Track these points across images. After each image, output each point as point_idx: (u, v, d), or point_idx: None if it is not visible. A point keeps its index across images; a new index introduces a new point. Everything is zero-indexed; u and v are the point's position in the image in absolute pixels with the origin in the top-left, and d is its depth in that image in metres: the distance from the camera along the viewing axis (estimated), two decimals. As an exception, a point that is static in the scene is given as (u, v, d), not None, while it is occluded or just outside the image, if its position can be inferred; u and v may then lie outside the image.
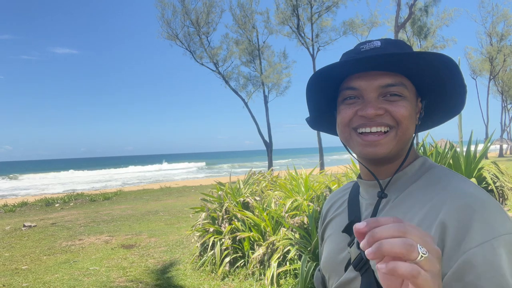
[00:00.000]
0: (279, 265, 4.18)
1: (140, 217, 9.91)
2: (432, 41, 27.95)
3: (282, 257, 4.22)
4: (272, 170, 7.21)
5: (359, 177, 0.94)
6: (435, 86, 0.81)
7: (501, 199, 4.51)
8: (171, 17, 23.45)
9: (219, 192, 5.64)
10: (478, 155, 4.73)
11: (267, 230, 4.64)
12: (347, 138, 0.82)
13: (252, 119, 24.07)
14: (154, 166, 59.07)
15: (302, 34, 24.07)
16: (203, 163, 65.62)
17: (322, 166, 19.39)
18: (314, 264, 3.77)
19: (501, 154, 38.71)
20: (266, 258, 4.41)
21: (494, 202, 0.69)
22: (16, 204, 13.85)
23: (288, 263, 4.16)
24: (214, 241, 4.95)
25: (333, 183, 4.79)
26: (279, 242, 4.29)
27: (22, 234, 8.22)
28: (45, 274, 5.29)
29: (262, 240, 4.66)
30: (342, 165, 5.84)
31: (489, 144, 5.21)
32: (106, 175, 44.70)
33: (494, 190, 4.37)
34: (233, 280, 4.53)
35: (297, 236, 4.30)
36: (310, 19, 23.60)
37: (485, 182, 4.55)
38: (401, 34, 24.05)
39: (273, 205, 4.94)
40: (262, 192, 5.52)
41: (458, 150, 4.81)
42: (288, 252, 4.19)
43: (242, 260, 4.74)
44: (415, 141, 0.88)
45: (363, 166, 0.87)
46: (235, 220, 5.02)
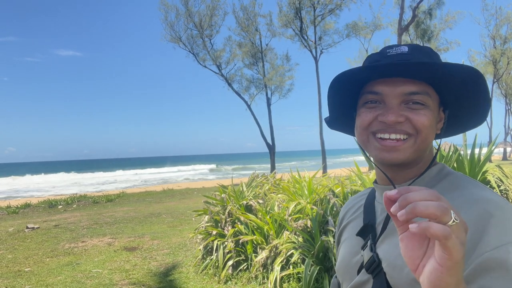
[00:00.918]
0: (282, 268, 4.16)
1: (142, 219, 9.91)
2: (435, 44, 27.89)
3: (285, 260, 4.20)
4: (275, 172, 7.19)
5: (375, 182, 0.94)
6: (460, 98, 0.81)
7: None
8: (175, 19, 23.55)
9: (222, 194, 5.63)
10: (482, 159, 4.70)
11: (270, 234, 4.63)
12: (365, 142, 0.83)
13: (254, 122, 24.09)
14: (157, 169, 59.07)
15: (305, 37, 24.10)
16: (212, 165, 65.53)
17: (325, 169, 19.36)
18: (318, 268, 3.76)
19: (505, 157, 38.55)
20: (269, 261, 4.39)
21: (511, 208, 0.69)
22: (19, 205, 13.89)
23: (291, 267, 4.14)
24: (217, 244, 4.94)
25: (336, 186, 4.77)
26: (282, 245, 4.27)
27: (25, 236, 8.23)
28: (48, 276, 5.29)
29: (265, 243, 4.65)
30: (345, 167, 5.82)
31: (493, 147, 5.18)
32: (108, 177, 44.77)
33: (499, 194, 4.35)
34: (236, 283, 4.51)
35: (300, 239, 4.28)
36: (313, 22, 23.61)
37: (489, 186, 4.51)
38: (404, 37, 24.00)
39: (276, 208, 4.92)
40: (265, 195, 5.51)
41: (462, 153, 4.78)
42: (291, 255, 4.17)
43: (245, 263, 4.73)
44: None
45: (380, 171, 0.86)
46: (238, 223, 5.00)
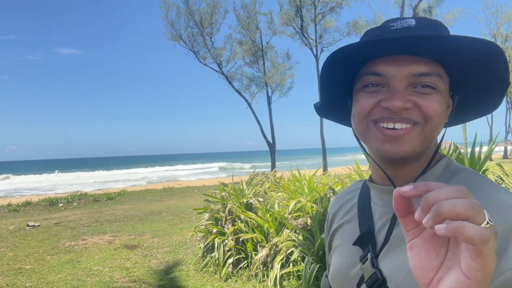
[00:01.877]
0: (282, 266, 4.17)
1: (143, 217, 9.93)
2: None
3: (285, 258, 4.21)
4: (275, 171, 7.20)
5: (370, 180, 0.82)
6: (474, 81, 0.69)
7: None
8: (175, 18, 23.57)
9: (222, 193, 5.64)
10: (482, 157, 4.69)
11: (270, 232, 4.63)
12: (364, 132, 0.70)
13: (255, 120, 24.09)
14: (159, 168, 59.07)
15: (306, 35, 24.10)
16: (220, 163, 65.59)
17: (325, 167, 19.36)
18: (318, 266, 3.76)
19: (505, 156, 38.51)
20: (269, 259, 4.40)
21: None
22: (20, 203, 13.91)
23: (291, 265, 4.15)
24: (217, 242, 4.95)
25: (336, 185, 4.78)
26: (282, 243, 4.28)
27: (25, 233, 8.25)
28: (48, 274, 5.30)
29: (265, 241, 4.65)
30: (345, 166, 5.83)
31: (493, 145, 5.18)
32: (109, 176, 44.82)
33: None
34: (236, 281, 4.52)
35: (300, 237, 4.29)
36: (313, 20, 23.59)
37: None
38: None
39: (276, 206, 4.93)
40: (266, 193, 5.51)
41: (463, 151, 4.78)
42: (291, 253, 4.18)
43: (245, 261, 4.74)
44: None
45: (378, 168, 0.75)
46: (238, 221, 5.01)
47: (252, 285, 4.35)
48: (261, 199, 5.19)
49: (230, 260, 4.71)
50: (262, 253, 4.43)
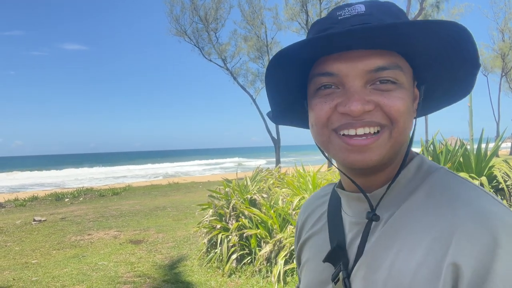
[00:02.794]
0: (286, 262, 4.17)
1: (148, 212, 9.98)
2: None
3: (289, 254, 4.21)
4: (279, 167, 7.19)
5: (340, 186, 0.74)
6: (441, 68, 0.62)
7: (511, 198, 4.45)
8: (180, 13, 23.55)
9: (226, 189, 5.65)
10: (489, 153, 4.66)
11: (274, 228, 4.64)
12: (325, 143, 0.62)
13: (260, 116, 24.08)
14: (164, 164, 59.25)
15: (311, 30, 23.94)
16: (235, 159, 65.80)
17: (330, 163, 19.33)
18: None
19: (512, 152, 38.20)
20: (273, 255, 4.40)
21: None
22: (26, 198, 14.04)
23: (295, 261, 4.15)
24: (221, 238, 4.96)
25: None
26: (286, 239, 4.28)
27: (32, 228, 8.33)
28: (54, 268, 5.35)
29: (269, 237, 4.66)
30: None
31: (500, 142, 5.13)
32: (114, 171, 45.08)
33: (505, 189, 4.31)
34: (239, 277, 4.53)
35: (304, 233, 4.28)
36: (319, 15, 23.44)
37: (495, 181, 4.48)
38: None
39: (280, 202, 4.93)
40: (270, 189, 5.51)
41: (469, 148, 4.74)
42: (295, 249, 4.18)
43: (249, 257, 4.75)
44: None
45: (346, 177, 0.67)
46: (242, 217, 5.02)
47: (255, 280, 4.36)
48: (265, 195, 5.19)
49: (234, 255, 4.72)
50: (266, 249, 4.43)
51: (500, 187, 4.33)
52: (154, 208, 10.77)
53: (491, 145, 4.98)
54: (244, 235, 4.80)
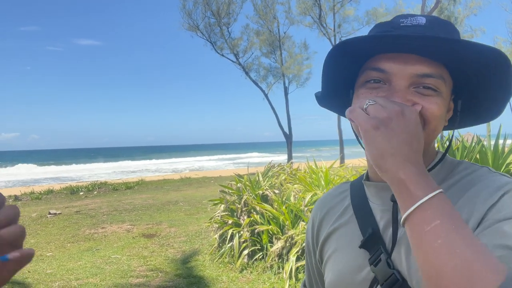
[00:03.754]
0: (298, 259, 4.15)
1: (160, 206, 10.07)
2: (459, 30, 27.00)
3: (300, 251, 4.18)
4: (291, 162, 7.16)
5: (367, 178, 0.81)
6: (478, 87, 0.69)
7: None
8: (192, 8, 23.50)
9: (238, 184, 5.64)
10: (506, 150, 4.55)
11: (286, 224, 4.62)
12: None
13: (272, 111, 24.00)
14: (180, 159, 59.48)
15: (324, 25, 23.72)
16: (254, 153, 65.99)
17: (342, 159, 19.17)
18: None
19: (530, 149, 37.41)
20: (284, 251, 4.39)
21: None
22: (42, 191, 14.30)
23: (307, 256, 4.13)
24: (232, 233, 4.97)
25: (354, 177, 4.70)
26: (298, 236, 4.26)
27: (47, 221, 8.48)
28: (68, 261, 5.44)
29: (280, 233, 4.64)
30: (363, 158, 5.74)
31: (518, 138, 5.01)
32: (128, 166, 45.61)
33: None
34: (251, 272, 4.53)
35: (316, 230, 4.25)
36: (332, 9, 23.20)
37: (513, 179, 4.39)
38: (426, 24, 23.31)
39: (292, 198, 4.90)
40: (281, 185, 5.49)
41: (486, 144, 4.64)
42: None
43: (261, 253, 4.74)
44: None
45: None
46: (254, 212, 5.01)
47: (267, 276, 4.36)
48: (277, 191, 5.17)
49: (246, 251, 4.72)
50: (278, 245, 4.42)
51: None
52: (166, 202, 10.86)
53: (509, 141, 4.87)
54: (255, 231, 4.79)
